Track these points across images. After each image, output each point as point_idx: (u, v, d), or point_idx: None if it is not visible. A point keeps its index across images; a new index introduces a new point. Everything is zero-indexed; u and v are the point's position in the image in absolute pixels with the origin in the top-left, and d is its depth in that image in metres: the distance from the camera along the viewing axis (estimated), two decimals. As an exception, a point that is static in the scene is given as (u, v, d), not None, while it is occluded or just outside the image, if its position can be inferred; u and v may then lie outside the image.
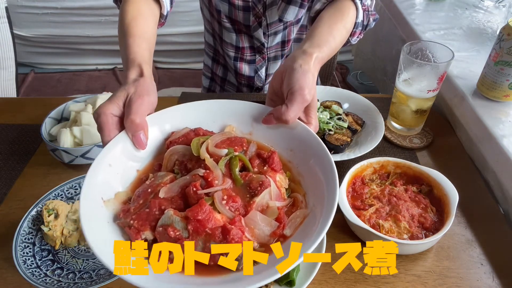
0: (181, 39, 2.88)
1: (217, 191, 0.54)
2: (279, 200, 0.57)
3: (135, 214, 0.53)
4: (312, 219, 0.55)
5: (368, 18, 0.96)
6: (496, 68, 1.03)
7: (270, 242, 0.53)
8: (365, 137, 1.03)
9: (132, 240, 0.51)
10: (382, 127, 1.02)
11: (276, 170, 0.60)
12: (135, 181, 0.60)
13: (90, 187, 0.53)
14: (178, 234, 0.50)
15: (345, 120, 1.04)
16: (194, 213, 0.50)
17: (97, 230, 0.51)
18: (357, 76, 2.96)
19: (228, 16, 1.20)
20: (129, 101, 0.59)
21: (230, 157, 0.58)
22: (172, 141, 0.62)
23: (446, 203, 0.83)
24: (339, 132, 1.02)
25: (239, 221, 0.52)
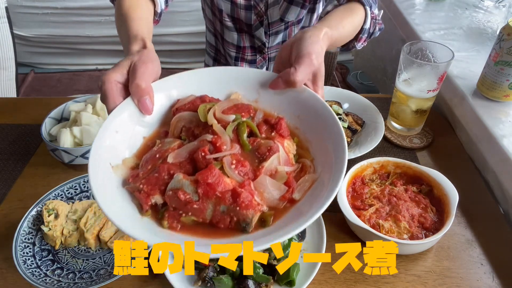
0: (181, 39, 2.88)
1: (226, 156, 0.54)
2: (287, 165, 0.56)
3: (144, 178, 0.53)
4: (320, 184, 0.54)
5: (375, 27, 0.98)
6: (496, 68, 1.03)
7: (279, 206, 0.53)
8: (365, 137, 1.03)
9: (142, 204, 0.52)
10: (382, 127, 1.02)
11: (284, 136, 0.60)
12: (142, 148, 0.60)
13: (97, 153, 0.53)
14: (188, 198, 0.50)
15: (345, 120, 1.04)
16: (204, 176, 0.50)
17: (107, 195, 0.50)
18: (357, 76, 2.96)
19: (230, 15, 1.20)
20: (134, 67, 0.59)
21: (238, 123, 0.58)
22: (179, 108, 0.61)
23: (446, 203, 0.83)
24: None
25: (249, 185, 0.52)
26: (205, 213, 0.51)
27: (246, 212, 0.50)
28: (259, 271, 0.72)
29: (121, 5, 0.77)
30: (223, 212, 0.51)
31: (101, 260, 0.79)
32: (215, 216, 0.51)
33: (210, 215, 0.51)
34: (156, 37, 0.79)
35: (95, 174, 0.51)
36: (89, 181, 0.50)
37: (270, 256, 0.75)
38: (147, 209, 0.52)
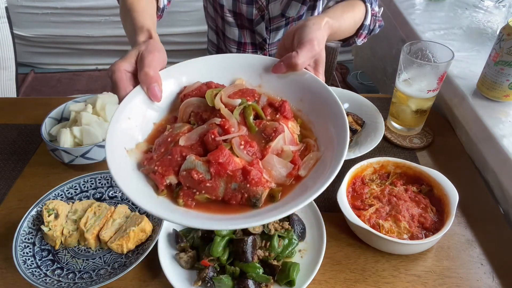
0: (182, 39, 2.88)
1: (234, 137, 0.56)
2: (292, 145, 0.59)
3: (158, 161, 0.56)
4: (324, 161, 0.57)
5: (375, 23, 1.00)
6: (496, 68, 1.03)
7: (286, 183, 0.56)
8: (365, 137, 1.03)
9: (157, 184, 0.55)
10: (382, 127, 1.02)
11: (288, 118, 0.62)
12: (153, 133, 0.62)
13: (113, 138, 0.56)
14: (201, 177, 0.53)
15: None
16: (215, 156, 0.53)
17: (125, 177, 0.53)
18: (357, 76, 2.96)
19: (231, 10, 1.21)
20: (141, 56, 0.61)
21: (244, 106, 0.60)
22: (186, 94, 0.64)
23: (446, 203, 0.83)
24: None
25: (257, 163, 0.54)
26: (217, 190, 0.54)
27: (256, 188, 0.53)
28: (259, 271, 0.72)
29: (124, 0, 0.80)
30: (234, 189, 0.53)
31: (101, 260, 0.79)
32: (227, 193, 0.54)
33: (222, 192, 0.54)
34: None
35: (112, 157, 0.54)
36: (107, 164, 0.52)
37: (270, 256, 0.75)
38: (162, 189, 0.55)
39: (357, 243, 0.83)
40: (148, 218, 0.82)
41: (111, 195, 0.91)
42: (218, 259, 0.74)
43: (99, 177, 0.92)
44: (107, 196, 0.91)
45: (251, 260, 0.73)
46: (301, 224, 0.81)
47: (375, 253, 0.81)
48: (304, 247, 0.79)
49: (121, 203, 0.89)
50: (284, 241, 0.77)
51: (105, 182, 0.92)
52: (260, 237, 0.77)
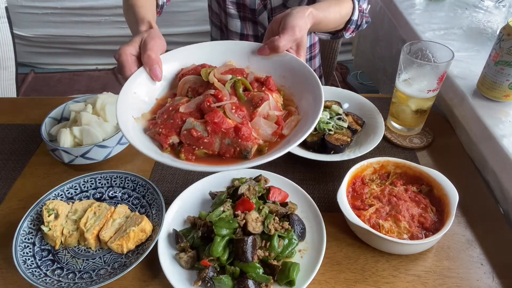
0: (181, 39, 2.88)
1: (227, 103, 0.66)
2: (276, 110, 0.69)
3: (162, 124, 0.65)
4: (303, 122, 0.66)
5: (362, 19, 1.04)
6: (496, 68, 1.03)
7: (272, 140, 0.66)
8: (365, 137, 1.03)
9: (162, 143, 0.64)
10: (382, 127, 1.02)
11: (272, 90, 0.72)
12: (156, 106, 0.72)
13: (122, 108, 0.65)
14: (199, 134, 0.63)
15: (345, 120, 1.04)
16: (211, 117, 0.63)
17: (134, 137, 0.62)
18: (357, 76, 2.96)
19: (235, 1, 1.22)
20: (144, 42, 0.71)
21: (234, 80, 0.70)
22: (184, 73, 0.74)
23: (446, 203, 0.83)
24: (339, 132, 1.02)
25: (247, 124, 0.64)
26: (213, 145, 0.63)
27: (246, 143, 0.62)
28: (259, 271, 0.72)
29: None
30: (228, 144, 0.63)
31: (101, 260, 0.79)
32: (222, 147, 0.63)
33: (218, 147, 0.63)
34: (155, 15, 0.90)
35: (123, 121, 0.63)
36: (119, 126, 0.62)
37: (270, 256, 0.75)
38: (166, 147, 0.64)
39: (357, 243, 0.83)
40: (148, 218, 0.82)
41: (111, 195, 0.91)
42: (218, 259, 0.74)
43: (99, 177, 0.92)
44: (107, 196, 0.91)
45: (251, 260, 0.73)
46: (301, 224, 0.81)
47: (375, 253, 0.81)
48: (304, 247, 0.79)
49: (121, 203, 0.89)
50: (284, 241, 0.77)
51: (105, 182, 0.92)
52: (260, 237, 0.77)
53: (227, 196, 0.85)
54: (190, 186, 0.90)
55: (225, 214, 0.78)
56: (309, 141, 1.01)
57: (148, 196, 0.89)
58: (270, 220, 0.77)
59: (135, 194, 0.91)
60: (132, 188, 0.91)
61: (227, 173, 0.93)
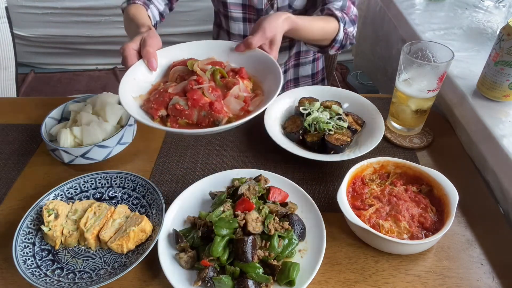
0: (181, 39, 2.87)
1: (205, 86, 0.83)
2: (245, 93, 0.85)
3: (153, 101, 0.83)
4: (266, 100, 0.83)
5: (347, 41, 1.15)
6: (496, 68, 1.03)
7: (240, 114, 0.83)
8: (365, 137, 1.03)
9: (153, 115, 0.82)
10: (382, 127, 1.02)
11: (243, 77, 0.89)
12: (150, 90, 0.89)
13: (123, 88, 0.82)
14: (182, 108, 0.81)
15: (345, 120, 1.04)
16: (191, 94, 0.81)
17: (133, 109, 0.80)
18: (357, 76, 2.96)
19: (240, 3, 1.24)
20: (144, 39, 0.87)
21: (213, 69, 0.87)
22: (174, 64, 0.91)
23: (446, 203, 0.83)
24: (339, 132, 1.02)
25: (220, 101, 0.82)
26: (193, 116, 0.81)
27: (218, 115, 0.80)
28: (259, 271, 0.72)
29: (128, 12, 1.05)
30: (204, 116, 0.81)
31: (101, 260, 0.79)
32: (199, 118, 0.81)
33: (196, 118, 0.81)
34: None
35: (124, 98, 0.80)
36: (121, 102, 0.79)
37: (270, 256, 0.75)
38: (156, 118, 0.82)
39: (357, 243, 0.83)
40: (148, 218, 0.82)
41: (111, 195, 0.91)
42: (218, 259, 0.74)
43: (99, 177, 0.92)
44: (107, 196, 0.91)
45: (251, 260, 0.73)
46: (301, 224, 0.81)
47: (375, 253, 0.81)
48: (304, 247, 0.79)
49: (121, 203, 0.89)
50: (284, 241, 0.77)
51: (105, 182, 0.92)
52: (260, 237, 0.77)
53: (227, 196, 0.85)
54: (190, 186, 0.90)
55: (225, 214, 0.78)
56: (309, 141, 1.01)
57: (148, 196, 0.89)
58: (270, 220, 0.77)
59: (135, 194, 0.91)
60: (132, 188, 0.91)
61: (227, 173, 0.93)
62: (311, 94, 1.15)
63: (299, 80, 1.47)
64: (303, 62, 1.44)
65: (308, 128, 1.03)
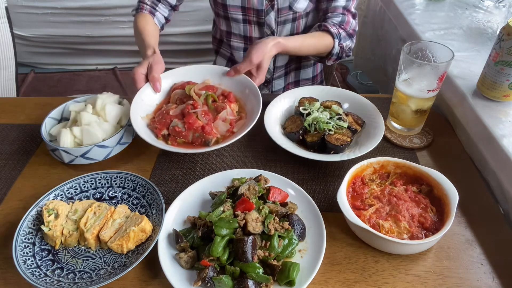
0: (181, 39, 2.88)
1: (199, 110, 1.01)
2: (232, 116, 1.04)
3: (158, 122, 1.01)
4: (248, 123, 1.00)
5: (343, 53, 1.26)
6: (496, 68, 1.03)
7: (226, 135, 1.01)
8: (365, 137, 1.03)
9: (157, 134, 1.00)
10: (382, 127, 1.02)
11: (231, 101, 1.07)
12: (156, 109, 1.08)
13: (134, 109, 1.01)
14: (180, 130, 0.98)
15: (345, 120, 1.04)
16: (187, 119, 0.99)
17: (140, 129, 0.98)
18: (357, 76, 2.96)
19: (240, 6, 1.25)
20: (150, 65, 1.06)
21: (207, 94, 1.05)
22: (175, 88, 1.10)
23: (446, 203, 0.83)
24: (339, 132, 1.02)
25: (210, 124, 0.99)
26: (188, 137, 0.99)
27: (208, 136, 0.98)
28: (259, 271, 0.72)
29: (137, 23, 1.21)
30: (197, 136, 0.98)
31: (101, 260, 0.79)
32: (193, 139, 0.99)
33: (191, 138, 0.99)
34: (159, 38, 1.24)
35: (134, 119, 0.99)
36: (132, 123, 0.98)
37: (270, 256, 0.75)
38: (159, 136, 1.00)
39: (357, 243, 0.83)
40: (148, 218, 0.82)
41: (111, 195, 0.91)
42: (218, 259, 0.74)
43: (99, 177, 0.92)
44: (107, 196, 0.91)
45: (251, 260, 0.73)
46: (301, 224, 0.81)
47: (375, 253, 0.81)
48: (304, 247, 0.79)
49: (121, 203, 0.89)
50: (284, 241, 0.77)
51: (105, 182, 0.92)
52: (260, 237, 0.77)
53: (227, 196, 0.85)
54: (190, 186, 0.90)
55: (225, 214, 0.78)
56: (309, 141, 1.01)
57: (148, 196, 0.89)
58: (270, 220, 0.77)
59: (135, 194, 0.91)
60: (132, 188, 0.91)
61: (227, 173, 0.93)
62: (311, 94, 1.15)
63: (300, 82, 1.48)
64: (304, 65, 1.45)
65: (308, 128, 1.03)
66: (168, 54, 2.95)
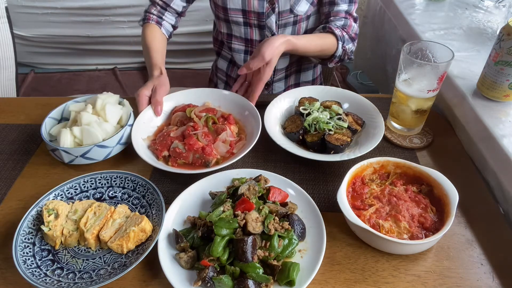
0: (182, 39, 2.87)
1: (199, 132, 1.01)
2: (231, 137, 1.03)
3: (159, 144, 1.01)
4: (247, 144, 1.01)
5: (345, 56, 1.26)
6: (496, 68, 1.03)
7: (226, 156, 1.01)
8: (365, 137, 1.03)
9: (158, 155, 0.99)
10: (382, 127, 1.02)
11: (231, 123, 1.07)
12: (157, 131, 1.09)
13: (135, 132, 1.03)
14: (180, 151, 0.98)
15: (345, 120, 1.04)
16: (188, 140, 0.99)
17: (141, 151, 0.98)
18: (357, 76, 2.96)
19: (240, 9, 1.24)
20: (155, 88, 1.10)
21: (207, 117, 1.06)
22: (176, 110, 1.12)
23: (446, 203, 0.83)
24: (339, 132, 1.02)
25: (210, 145, 0.99)
26: (189, 158, 0.98)
27: (208, 157, 0.97)
28: (259, 271, 0.72)
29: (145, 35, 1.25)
30: (197, 157, 0.98)
31: (101, 260, 0.79)
32: (194, 160, 0.98)
33: (191, 159, 0.98)
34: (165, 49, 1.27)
35: (135, 142, 1.00)
36: (133, 145, 0.98)
37: (270, 256, 0.75)
38: (160, 158, 1.00)
39: (357, 243, 0.83)
40: (148, 218, 0.82)
41: (111, 195, 0.92)
42: (218, 259, 0.74)
43: (99, 177, 0.92)
44: (107, 196, 0.91)
45: (251, 260, 0.73)
46: (301, 224, 0.81)
47: (375, 253, 0.81)
48: (304, 247, 0.79)
49: (121, 203, 0.89)
50: (284, 241, 0.77)
51: (105, 182, 0.92)
52: (260, 237, 0.77)
53: (227, 196, 0.85)
54: (190, 186, 0.90)
55: (225, 214, 0.78)
56: (309, 141, 1.01)
57: (148, 196, 0.89)
58: (270, 220, 0.77)
59: (135, 194, 0.91)
60: (132, 188, 0.91)
61: (227, 173, 0.93)
62: (311, 94, 1.15)
63: (300, 85, 1.48)
64: (305, 68, 1.45)
65: (308, 128, 1.03)
66: (168, 54, 2.93)
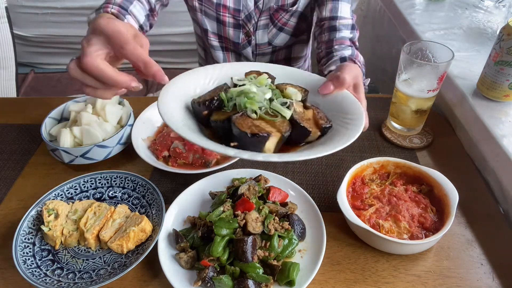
0: (178, 39, 2.87)
1: None
2: None
3: (159, 144, 1.02)
4: None
5: None
6: (496, 68, 1.03)
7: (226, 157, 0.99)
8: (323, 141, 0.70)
9: (158, 155, 1.00)
10: (351, 140, 0.66)
11: None
12: (157, 132, 1.09)
13: (135, 132, 1.03)
14: (180, 151, 0.99)
15: (291, 109, 0.69)
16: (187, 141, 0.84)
17: (141, 151, 0.98)
18: (357, 76, 2.95)
19: (216, 33, 1.23)
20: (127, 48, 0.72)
21: None
22: None
23: (446, 203, 0.83)
24: (268, 119, 0.67)
25: None
26: (189, 158, 0.99)
27: (208, 157, 0.97)
28: (259, 271, 0.72)
29: None
30: (197, 157, 0.98)
31: (101, 260, 0.79)
32: (194, 160, 0.99)
33: (191, 159, 0.99)
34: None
35: (135, 141, 1.01)
36: (133, 146, 0.99)
37: (270, 256, 0.75)
38: (160, 158, 0.99)
39: (357, 243, 0.83)
40: (148, 218, 0.82)
41: (111, 195, 0.91)
42: (218, 259, 0.74)
43: (99, 177, 0.92)
44: (107, 196, 0.91)
45: (251, 260, 0.73)
46: (301, 224, 0.81)
47: (375, 253, 0.81)
48: (304, 247, 0.79)
49: (121, 203, 0.89)
50: (284, 241, 0.77)
51: (105, 182, 0.92)
52: (260, 237, 0.77)
53: (227, 196, 0.85)
54: (190, 186, 0.90)
55: (225, 214, 0.78)
56: (213, 120, 0.69)
57: (148, 196, 0.89)
58: (270, 220, 0.77)
59: (135, 194, 0.91)
60: (132, 188, 0.91)
61: (227, 173, 0.93)
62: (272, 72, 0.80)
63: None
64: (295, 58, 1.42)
65: (225, 103, 0.70)
66: (163, 54, 2.95)
